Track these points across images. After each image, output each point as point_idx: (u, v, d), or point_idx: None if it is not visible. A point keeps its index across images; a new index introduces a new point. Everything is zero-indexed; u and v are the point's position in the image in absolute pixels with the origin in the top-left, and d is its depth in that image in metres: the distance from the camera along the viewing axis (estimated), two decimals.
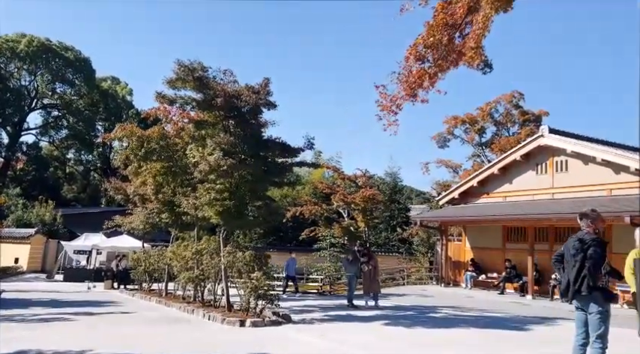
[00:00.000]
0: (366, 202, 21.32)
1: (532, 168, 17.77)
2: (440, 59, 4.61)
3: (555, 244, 16.69)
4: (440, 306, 13.39)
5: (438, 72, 4.74)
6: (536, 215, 15.65)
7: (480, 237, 19.54)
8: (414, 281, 21.62)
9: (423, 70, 4.77)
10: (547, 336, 8.73)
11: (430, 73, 4.76)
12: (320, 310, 12.31)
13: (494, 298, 16.06)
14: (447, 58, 4.62)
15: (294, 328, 9.30)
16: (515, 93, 30.00)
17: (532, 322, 10.25)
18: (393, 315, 11.36)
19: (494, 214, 17.27)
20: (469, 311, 12.37)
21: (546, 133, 16.90)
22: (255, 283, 9.86)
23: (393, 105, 5.28)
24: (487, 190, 19.44)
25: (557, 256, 5.31)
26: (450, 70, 4.75)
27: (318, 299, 16.19)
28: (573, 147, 15.99)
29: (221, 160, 9.93)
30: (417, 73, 4.80)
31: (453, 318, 11.00)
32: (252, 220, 11.11)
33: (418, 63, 4.78)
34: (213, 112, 11.00)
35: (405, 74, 4.91)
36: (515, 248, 18.00)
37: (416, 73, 4.79)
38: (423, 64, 4.76)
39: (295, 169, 30.22)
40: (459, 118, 31.29)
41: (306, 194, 33.35)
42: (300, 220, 30.59)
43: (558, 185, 16.76)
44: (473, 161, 32.64)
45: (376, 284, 13.23)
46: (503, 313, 11.99)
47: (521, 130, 29.70)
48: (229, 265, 10.52)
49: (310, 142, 11.37)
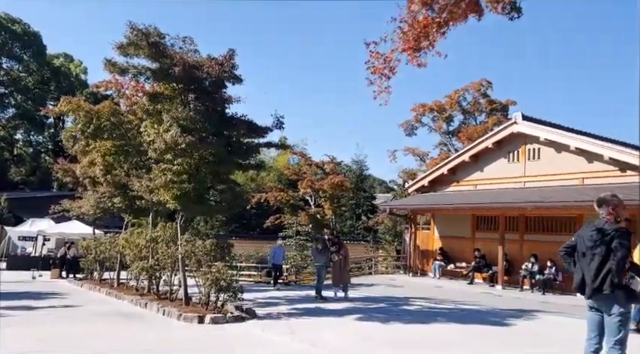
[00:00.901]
0: (334, 189, 20.63)
1: (504, 156, 17.41)
2: (452, 4, 3.77)
3: (526, 233, 16.46)
4: (411, 297, 12.81)
5: (450, 21, 3.91)
6: (507, 204, 15.28)
7: (449, 226, 19.15)
8: (382, 270, 21.11)
9: (430, 18, 3.91)
10: (529, 332, 8.20)
11: (440, 21, 3.91)
12: (287, 303, 11.48)
13: (463, 289, 15.67)
14: (461, 3, 3.79)
15: (259, 324, 8.42)
16: (484, 81, 29.85)
17: (510, 315, 9.75)
18: (365, 308, 10.65)
19: (465, 203, 16.84)
20: (442, 303, 11.83)
21: (519, 120, 16.51)
22: (217, 274, 8.89)
23: (386, 67, 4.44)
24: (457, 178, 19.01)
25: (567, 248, 4.61)
26: (463, 20, 3.92)
27: (283, 290, 15.35)
28: (547, 134, 15.67)
29: (179, 137, 8.84)
30: (423, 20, 3.93)
31: (428, 311, 10.39)
32: (214, 206, 10.09)
33: (425, 8, 3.91)
34: (170, 84, 9.86)
35: (408, 24, 4.04)
36: (485, 238, 17.68)
37: (422, 21, 3.92)
38: (431, 10, 3.90)
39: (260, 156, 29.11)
40: (427, 106, 30.93)
41: (270, 181, 32.34)
42: (264, 207, 29.60)
43: (530, 174, 16.45)
44: (440, 150, 32.47)
45: (346, 275, 12.50)
46: (477, 305, 11.50)
47: (488, 119, 29.62)
48: (187, 254, 9.49)
49: (279, 121, 10.41)
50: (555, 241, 15.49)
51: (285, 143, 10.64)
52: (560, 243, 14.28)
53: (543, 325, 8.81)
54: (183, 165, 10.01)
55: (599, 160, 14.37)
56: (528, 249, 16.09)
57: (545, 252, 15.37)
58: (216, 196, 10.13)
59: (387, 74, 4.48)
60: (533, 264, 15.37)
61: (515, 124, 16.69)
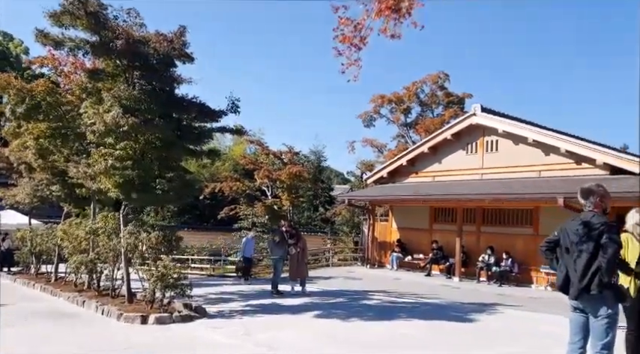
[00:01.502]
0: (292, 179, 20.00)
1: (462, 148, 17.32)
2: None
3: (483, 225, 16.47)
4: (371, 290, 12.44)
5: None
6: (465, 196, 15.17)
7: (407, 217, 18.98)
8: (339, 262, 20.74)
9: None
10: (497, 329, 7.92)
11: None
12: (240, 299, 10.82)
13: (421, 280, 15.50)
14: None
15: (209, 324, 7.73)
16: (441, 74, 29.89)
17: (473, 310, 9.50)
18: (324, 303, 10.15)
19: (423, 194, 16.65)
20: (403, 296, 11.52)
21: (478, 111, 16.43)
22: (163, 270, 8.12)
23: (356, 36, 3.88)
24: (416, 169, 18.83)
25: (549, 244, 4.20)
26: None
27: (237, 284, 14.65)
28: (505, 127, 15.65)
29: (120, 118, 7.95)
30: None
31: (389, 305, 10.01)
32: (161, 195, 9.25)
33: None
34: (112, 61, 8.91)
35: None
36: (443, 229, 17.60)
37: None
38: None
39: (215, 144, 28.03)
40: (386, 97, 30.66)
41: (226, 170, 31.30)
42: (219, 197, 28.60)
43: (488, 166, 16.43)
44: (397, 142, 32.35)
45: (304, 268, 11.95)
46: (437, 298, 11.26)
47: (445, 111, 29.70)
48: (130, 248, 8.64)
49: (235, 104, 9.67)
50: (512, 233, 15.63)
51: (242, 129, 9.86)
52: (517, 235, 14.28)
53: (508, 321, 8.58)
54: (126, 150, 9.12)
55: (555, 153, 14.46)
56: (485, 241, 16.11)
57: (501, 244, 15.43)
58: (163, 184, 9.29)
59: (357, 44, 3.92)
60: (489, 256, 15.38)
61: (474, 116, 16.61)
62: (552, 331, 7.83)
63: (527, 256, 14.87)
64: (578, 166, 13.97)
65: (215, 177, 29.08)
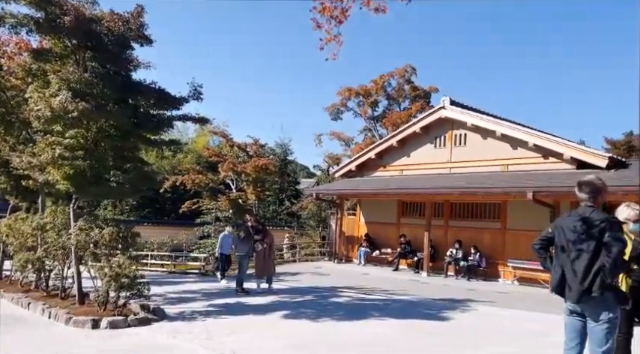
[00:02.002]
0: (258, 172, 19.38)
1: (430, 141, 17.17)
2: None
3: (450, 219, 16.39)
4: (340, 287, 12.07)
5: None
6: (433, 190, 14.99)
7: (375, 211, 18.73)
8: (306, 257, 20.31)
9: None
10: (474, 328, 7.66)
11: None
12: (203, 298, 10.21)
13: (390, 276, 15.27)
14: None
15: (169, 328, 7.13)
16: (408, 67, 29.80)
17: (446, 307, 9.25)
18: (291, 302, 9.69)
19: (391, 188, 16.41)
20: (372, 293, 11.19)
21: (447, 105, 16.29)
22: (117, 269, 7.45)
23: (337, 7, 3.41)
24: (384, 162, 18.58)
25: (543, 241, 3.83)
26: None
27: (199, 281, 13.99)
28: (474, 120, 15.56)
29: (69, 103, 7.19)
30: None
31: (359, 303, 9.64)
32: (116, 188, 8.53)
33: None
34: (61, 40, 8.10)
35: None
36: (411, 223, 17.45)
37: None
38: None
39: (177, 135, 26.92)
40: (354, 90, 30.37)
41: (188, 163, 30.27)
42: (180, 190, 27.62)
43: (456, 159, 16.34)
44: (364, 135, 32.15)
45: (271, 265, 11.44)
46: (408, 294, 10.99)
47: (412, 105, 29.68)
48: (80, 245, 7.90)
49: (197, 91, 9.01)
50: (479, 227, 15.60)
51: (205, 118, 9.15)
52: (484, 229, 14.14)
53: (483, 318, 8.35)
54: (77, 138, 8.37)
55: (523, 147, 14.46)
56: (453, 235, 16.03)
57: (469, 238, 15.38)
58: (119, 176, 8.57)
59: (338, 17, 3.46)
60: (457, 250, 15.30)
61: (442, 109, 16.46)
62: (531, 329, 7.66)
63: (494, 251, 14.86)
64: (545, 161, 14.00)
65: (177, 170, 28.03)
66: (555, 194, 12.18)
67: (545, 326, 7.88)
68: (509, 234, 14.63)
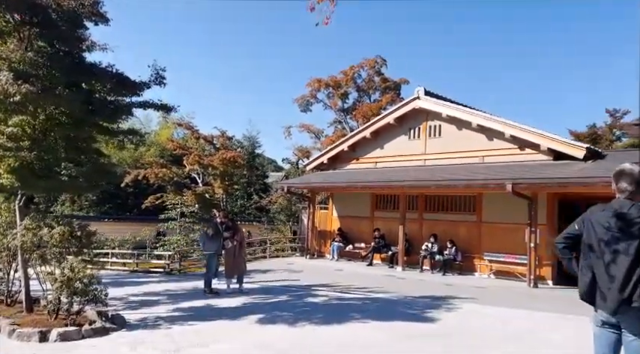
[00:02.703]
0: (226, 165, 18.53)
1: (405, 133, 16.77)
2: None
3: (425, 212, 16.06)
4: (314, 285, 11.50)
5: None
6: (407, 182, 14.58)
7: (348, 205, 18.24)
8: (277, 253, 19.64)
9: None
10: (462, 329, 7.21)
11: None
12: (168, 301, 9.43)
13: (365, 271, 14.82)
14: None
15: (129, 338, 6.36)
16: (378, 59, 29.39)
17: (428, 305, 8.81)
18: (265, 303, 9.03)
19: (365, 181, 15.93)
20: (349, 291, 10.67)
21: (422, 95, 15.91)
22: (68, 273, 6.61)
23: None
24: (357, 155, 18.10)
25: (568, 240, 3.28)
26: None
27: (164, 281, 13.13)
28: (449, 111, 15.23)
29: (11, 85, 6.27)
30: None
31: (338, 304, 9.07)
32: (68, 182, 7.64)
33: None
34: (1, 15, 7.11)
35: None
36: (385, 217, 17.05)
37: None
38: None
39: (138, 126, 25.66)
40: (323, 81, 29.75)
41: (151, 156, 28.98)
42: (143, 185, 26.39)
43: (431, 151, 16.00)
44: (334, 127, 31.64)
45: (242, 263, 10.74)
46: (386, 292, 10.51)
47: (382, 97, 29.33)
48: (26, 247, 7.00)
49: (159, 74, 8.18)
50: (455, 220, 15.32)
51: (168, 105, 8.33)
52: (460, 222, 13.79)
53: (468, 317, 7.94)
54: (22, 126, 7.43)
55: (499, 138, 14.22)
56: (428, 228, 15.71)
57: (444, 231, 15.08)
58: (71, 169, 7.67)
59: None
60: (432, 244, 14.98)
61: (417, 100, 16.06)
62: (519, 327, 7.28)
63: (470, 244, 14.61)
64: (521, 152, 13.80)
65: (139, 163, 26.75)
66: (534, 186, 11.95)
67: (532, 323, 7.54)
68: (485, 227, 14.40)
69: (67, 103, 6.86)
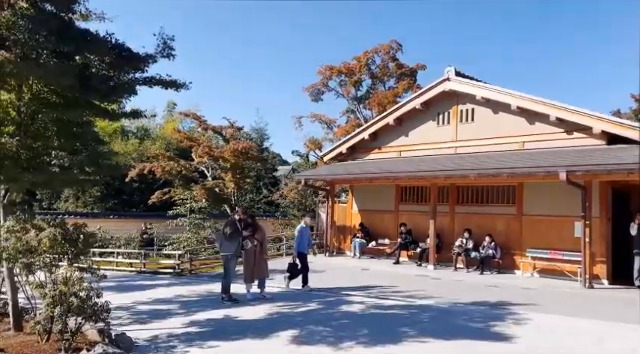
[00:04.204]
0: (238, 157, 17.22)
1: (432, 118, 15.37)
2: None
3: (457, 205, 14.69)
4: (343, 288, 10.23)
5: None
6: (439, 172, 13.17)
7: (370, 198, 16.89)
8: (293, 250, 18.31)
9: None
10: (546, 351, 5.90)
11: None
12: (181, 311, 8.16)
13: (393, 270, 13.51)
14: None
15: None
16: (393, 43, 27.83)
17: (488, 315, 7.48)
18: (294, 314, 7.73)
19: (392, 171, 14.57)
20: (386, 295, 9.36)
21: (452, 75, 14.48)
22: (61, 287, 5.33)
23: None
24: (379, 144, 16.71)
25: None
26: None
27: (174, 284, 11.90)
28: (484, 92, 13.79)
29: None
30: None
31: (379, 314, 7.76)
32: (59, 174, 6.34)
33: None
34: None
35: None
36: (411, 211, 15.70)
37: None
38: None
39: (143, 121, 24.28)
40: (335, 68, 28.22)
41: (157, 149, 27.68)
42: (149, 179, 25.15)
43: (463, 138, 14.60)
44: (347, 117, 30.21)
45: (264, 266, 9.44)
46: (430, 297, 9.20)
47: (398, 84, 27.85)
48: (9, 255, 5.70)
49: (167, 44, 6.84)
50: (490, 213, 13.92)
51: (178, 81, 6.99)
52: (496, 216, 12.17)
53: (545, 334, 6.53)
54: (4, 108, 6.13)
55: (543, 121, 12.79)
56: (460, 223, 14.36)
57: (478, 226, 13.72)
58: (63, 158, 6.37)
59: None
60: (467, 240, 13.63)
61: (446, 81, 14.62)
62: (615, 350, 5.92)
63: (509, 240, 13.25)
64: (569, 136, 12.37)
65: (144, 157, 25.48)
66: (591, 174, 10.55)
67: (634, 342, 6.15)
68: (527, 220, 13.01)
69: (54, 75, 5.53)
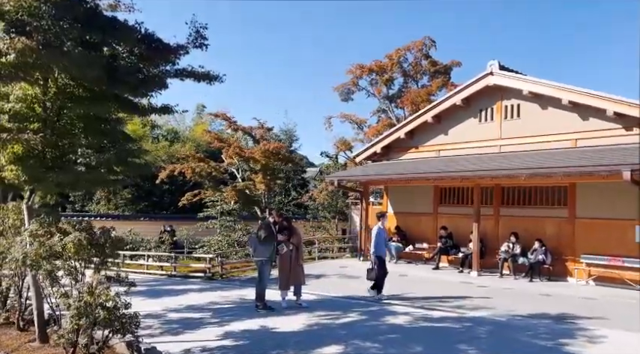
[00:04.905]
0: (268, 158, 16.73)
1: (474, 115, 14.51)
2: None
3: (502, 207, 13.79)
4: (384, 296, 9.52)
5: None
6: (485, 172, 12.35)
7: (406, 200, 16.12)
8: (325, 254, 17.76)
9: None
10: None
11: None
12: (214, 319, 7.64)
13: (434, 277, 12.73)
14: None
15: None
16: (427, 40, 26.90)
17: (555, 331, 6.67)
18: (336, 326, 7.09)
19: (429, 172, 13.80)
20: (433, 306, 8.62)
21: (496, 69, 13.61)
22: (86, 297, 4.84)
23: None
24: (416, 143, 15.94)
25: None
26: None
27: (206, 289, 11.45)
28: (532, 86, 12.88)
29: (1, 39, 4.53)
30: None
31: (430, 327, 7.04)
32: (84, 173, 5.89)
33: None
34: None
35: None
36: (450, 213, 14.88)
37: None
38: None
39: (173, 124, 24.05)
40: (366, 66, 27.49)
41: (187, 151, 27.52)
42: (179, 181, 24.98)
43: (507, 135, 13.71)
44: (378, 117, 29.45)
45: (299, 272, 8.84)
46: (482, 308, 8.43)
47: (431, 82, 26.93)
48: (32, 260, 5.25)
49: (199, 34, 6.32)
50: (539, 215, 12.96)
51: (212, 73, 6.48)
52: (545, 219, 11.03)
53: None
54: (29, 102, 5.71)
55: (597, 117, 11.82)
56: (505, 226, 13.47)
57: (525, 229, 12.81)
58: (89, 157, 5.92)
59: None
60: (514, 244, 12.73)
61: (490, 76, 13.75)
62: None
63: (560, 244, 12.30)
64: (628, 133, 11.37)
65: (174, 159, 25.32)
66: None
67: None
68: (581, 224, 12.04)
69: (79, 66, 5.06)
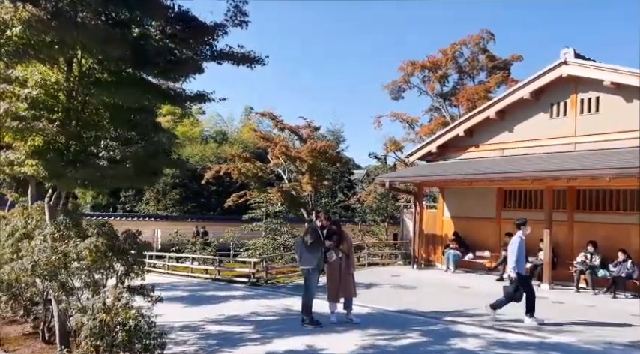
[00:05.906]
0: (315, 158, 15.89)
1: (544, 109, 13.03)
2: None
3: (576, 212, 12.25)
4: (446, 312, 8.41)
5: None
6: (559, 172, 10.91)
7: (464, 203, 14.79)
8: (375, 260, 16.68)
9: None
10: None
11: None
12: (256, 335, 6.80)
13: (499, 289, 11.29)
14: None
15: None
16: (484, 33, 25.34)
17: None
18: (393, 349, 6.07)
19: (492, 172, 12.45)
20: (504, 326, 7.42)
21: (571, 58, 12.11)
22: (102, 315, 4.08)
23: None
24: (476, 141, 14.58)
25: None
26: None
27: (249, 296, 10.70)
28: (614, 76, 11.32)
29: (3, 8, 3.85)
30: None
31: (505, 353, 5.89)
32: (108, 169, 5.18)
33: None
34: None
35: None
36: (515, 219, 13.40)
37: None
38: None
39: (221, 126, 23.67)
40: (419, 63, 26.22)
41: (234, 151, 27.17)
42: (226, 182, 24.62)
43: (583, 132, 12.15)
44: (431, 115, 28.02)
45: (350, 282, 7.86)
46: (566, 331, 7.16)
47: (489, 78, 25.28)
48: (49, 267, 4.57)
49: (239, 9, 5.49)
50: (622, 222, 11.38)
51: (252, 55, 5.67)
52: (630, 226, 8.78)
53: None
54: (48, 88, 5.07)
55: None
56: (581, 234, 11.93)
57: (605, 238, 11.24)
58: (114, 150, 5.20)
59: None
60: (592, 255, 11.20)
61: (563, 65, 12.25)
62: None
63: None
64: None
65: (221, 160, 25.00)
66: None
67: None
68: None
69: (97, 41, 4.33)
